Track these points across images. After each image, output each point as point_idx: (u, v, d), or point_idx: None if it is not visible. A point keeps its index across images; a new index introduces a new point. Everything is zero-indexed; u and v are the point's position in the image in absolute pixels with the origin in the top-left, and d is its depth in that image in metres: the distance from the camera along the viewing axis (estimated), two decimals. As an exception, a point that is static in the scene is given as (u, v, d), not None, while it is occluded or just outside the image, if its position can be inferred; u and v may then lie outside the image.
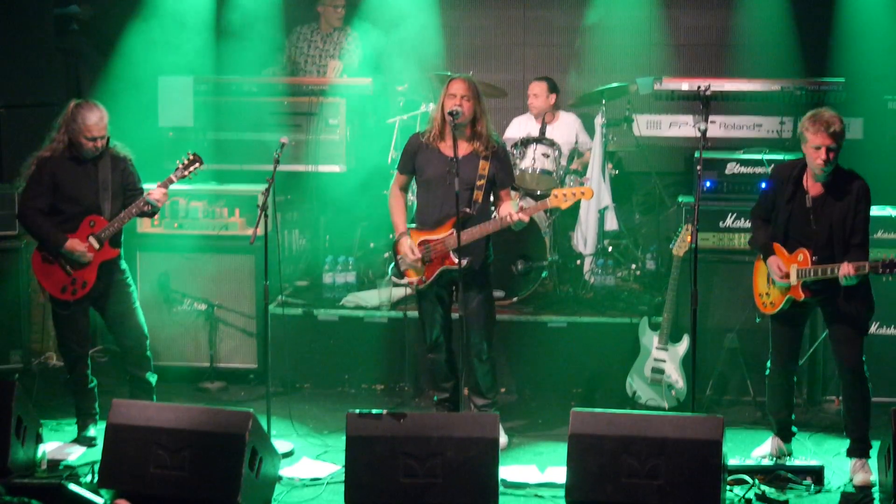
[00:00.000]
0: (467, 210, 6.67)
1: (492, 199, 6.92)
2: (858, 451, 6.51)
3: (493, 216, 6.80)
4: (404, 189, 7.03)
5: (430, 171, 6.79)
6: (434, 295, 6.87)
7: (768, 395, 6.80)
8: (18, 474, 6.28)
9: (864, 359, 6.43)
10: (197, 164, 6.99)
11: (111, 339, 7.30)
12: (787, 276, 6.37)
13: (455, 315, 6.90)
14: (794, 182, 6.44)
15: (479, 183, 6.73)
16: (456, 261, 6.64)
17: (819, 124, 6.22)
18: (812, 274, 6.28)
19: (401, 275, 6.94)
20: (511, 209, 6.69)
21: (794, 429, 6.80)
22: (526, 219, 6.66)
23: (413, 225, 6.95)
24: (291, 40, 9.41)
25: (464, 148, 6.76)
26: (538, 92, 8.96)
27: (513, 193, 7.25)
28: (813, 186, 6.40)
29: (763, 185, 7.75)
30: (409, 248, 6.79)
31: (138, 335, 7.01)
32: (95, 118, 6.73)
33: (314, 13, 9.42)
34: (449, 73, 7.19)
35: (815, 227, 6.36)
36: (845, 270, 6.16)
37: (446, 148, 6.70)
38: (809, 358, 7.58)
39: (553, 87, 8.98)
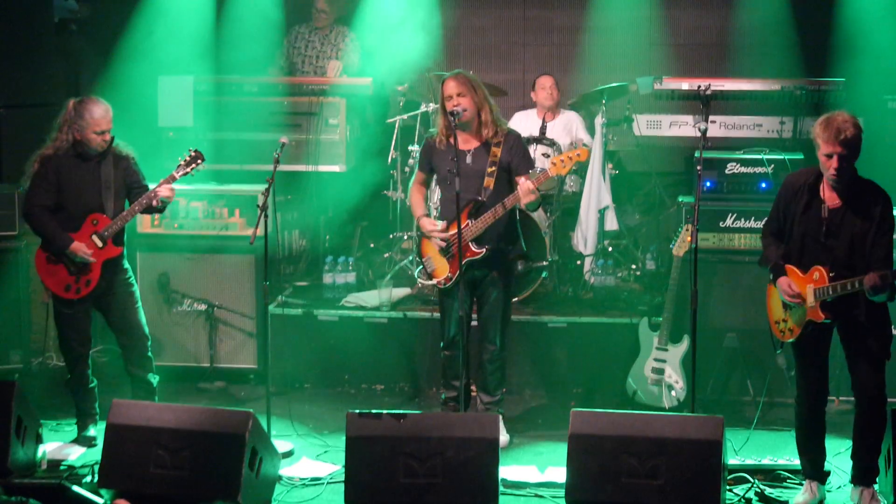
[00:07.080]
0: (479, 198, 6.71)
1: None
2: (867, 479, 6.02)
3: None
4: (423, 184, 7.10)
5: (444, 171, 6.83)
6: (456, 292, 6.87)
7: (797, 432, 6.20)
8: (18, 474, 6.28)
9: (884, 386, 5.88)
10: (199, 161, 6.99)
11: (112, 339, 7.29)
12: (799, 297, 5.87)
13: (474, 315, 7.00)
14: (809, 190, 5.88)
15: (489, 170, 6.75)
16: (476, 251, 6.71)
17: (829, 131, 5.67)
18: (831, 292, 5.75)
19: (429, 276, 6.97)
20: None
21: (827, 468, 6.18)
22: (532, 187, 6.54)
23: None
24: (289, 40, 9.40)
25: (473, 141, 6.82)
26: (548, 85, 9.01)
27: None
28: (830, 196, 5.85)
29: (763, 185, 7.74)
30: (430, 222, 6.86)
31: (139, 335, 7.00)
32: (102, 111, 6.76)
33: (311, 13, 9.41)
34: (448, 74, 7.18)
35: (833, 240, 5.81)
36: (871, 281, 5.60)
37: (458, 144, 6.70)
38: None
39: (557, 84, 9.07)
